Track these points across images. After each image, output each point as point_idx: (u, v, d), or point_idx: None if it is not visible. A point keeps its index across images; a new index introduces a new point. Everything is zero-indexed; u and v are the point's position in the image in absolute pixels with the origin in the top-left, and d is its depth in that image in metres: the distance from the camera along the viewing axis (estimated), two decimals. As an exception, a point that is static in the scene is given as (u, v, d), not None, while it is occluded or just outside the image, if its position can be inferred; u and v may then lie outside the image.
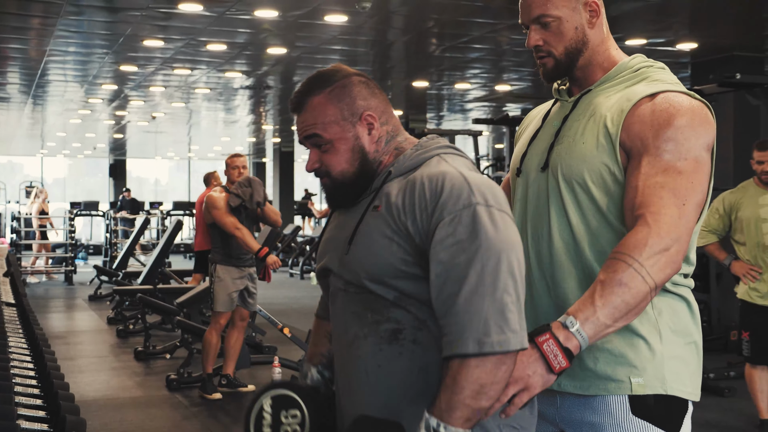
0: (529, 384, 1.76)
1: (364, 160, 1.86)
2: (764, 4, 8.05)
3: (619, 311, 1.83)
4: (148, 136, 22.56)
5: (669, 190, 1.91)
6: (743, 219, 5.36)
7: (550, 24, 2.09)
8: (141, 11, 8.11)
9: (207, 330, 6.64)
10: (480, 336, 1.65)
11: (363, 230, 1.81)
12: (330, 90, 1.85)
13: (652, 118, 1.97)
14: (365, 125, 1.86)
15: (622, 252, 1.87)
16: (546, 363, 1.78)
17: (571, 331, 1.80)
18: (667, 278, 1.89)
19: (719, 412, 6.26)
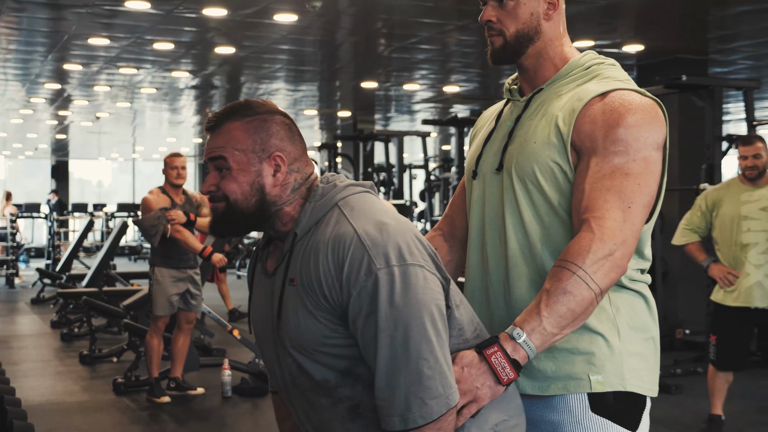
0: (477, 396, 1.79)
1: (262, 199, 1.83)
2: (709, 8, 8.19)
3: (565, 319, 1.85)
4: (91, 137, 22.25)
5: (615, 193, 1.91)
6: (722, 216, 5.30)
7: (507, 3, 2.08)
8: (86, 8, 7.97)
9: (147, 333, 6.53)
10: (403, 412, 1.68)
11: (287, 305, 1.79)
12: (250, 120, 1.83)
13: (602, 118, 1.97)
14: (272, 165, 1.82)
15: (567, 260, 1.88)
16: (494, 375, 1.80)
17: (519, 342, 1.82)
18: (612, 282, 1.90)
19: (667, 408, 6.33)
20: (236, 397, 6.68)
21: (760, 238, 5.16)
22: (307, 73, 12.07)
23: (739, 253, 5.23)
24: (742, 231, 5.21)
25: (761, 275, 5.16)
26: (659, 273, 8.58)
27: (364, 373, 1.77)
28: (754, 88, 8.16)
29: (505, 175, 2.09)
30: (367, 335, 1.70)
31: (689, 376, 7.32)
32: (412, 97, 14.18)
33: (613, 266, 1.88)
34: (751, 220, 5.18)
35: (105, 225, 21.30)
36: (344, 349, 1.76)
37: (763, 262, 5.16)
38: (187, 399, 6.62)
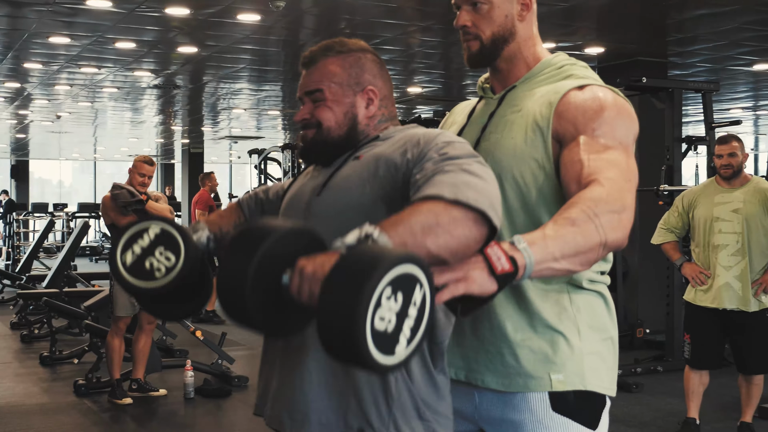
0: (467, 276, 1.59)
1: (353, 127, 1.94)
2: (669, 11, 8.28)
3: (570, 248, 1.69)
4: (52, 136, 22.03)
5: (615, 165, 1.87)
6: (697, 217, 5.34)
7: (481, 6, 2.10)
8: (47, 6, 7.90)
9: (108, 334, 6.48)
10: (458, 190, 1.63)
11: (338, 175, 1.89)
12: (345, 56, 1.96)
13: (583, 106, 1.98)
14: (365, 98, 1.95)
15: (579, 201, 1.78)
16: (488, 264, 1.61)
17: (519, 247, 1.64)
18: (616, 241, 1.77)
19: (627, 407, 6.40)
20: (199, 398, 6.66)
21: (730, 240, 5.20)
22: (270, 73, 12.04)
23: (710, 254, 5.27)
24: (714, 232, 5.25)
25: (730, 277, 5.20)
26: (620, 273, 8.67)
27: None
28: (713, 91, 8.26)
29: None
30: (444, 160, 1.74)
31: (649, 375, 7.41)
32: (375, 97, 14.17)
33: (620, 225, 1.77)
34: (722, 222, 5.23)
35: (66, 225, 21.07)
36: (371, 218, 1.66)
37: (733, 264, 5.20)
38: (149, 400, 6.58)
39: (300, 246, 1.60)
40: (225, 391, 6.74)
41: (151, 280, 1.82)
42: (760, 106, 15.84)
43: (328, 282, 1.43)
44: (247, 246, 1.57)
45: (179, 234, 1.84)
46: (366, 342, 1.39)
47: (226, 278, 1.58)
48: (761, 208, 5.17)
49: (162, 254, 1.83)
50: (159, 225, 1.85)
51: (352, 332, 1.38)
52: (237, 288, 1.56)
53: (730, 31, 8.97)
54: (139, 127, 19.50)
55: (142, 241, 1.84)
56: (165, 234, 1.84)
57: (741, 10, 8.04)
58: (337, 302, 1.40)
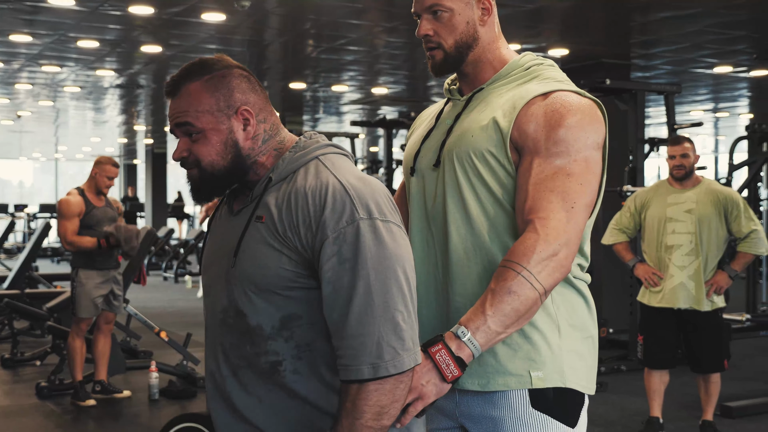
0: (423, 393, 1.80)
1: (237, 155, 1.80)
2: (632, 14, 8.36)
3: (510, 318, 1.87)
4: (12, 136, 21.80)
5: (558, 194, 1.94)
6: (649, 217, 5.39)
7: (442, 14, 2.10)
8: (7, 4, 7.80)
9: (69, 336, 6.41)
10: (374, 360, 1.66)
11: (248, 241, 1.76)
12: (208, 78, 1.79)
13: (544, 119, 1.99)
14: (241, 120, 1.80)
15: (511, 260, 1.90)
16: (439, 373, 1.82)
17: (463, 341, 1.84)
18: (556, 282, 1.93)
19: (593, 406, 6.38)
20: (163, 400, 6.62)
21: (684, 240, 5.26)
22: (235, 73, 11.98)
23: (663, 254, 5.32)
24: (667, 233, 5.30)
25: (684, 277, 5.25)
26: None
27: (299, 331, 1.75)
28: (675, 93, 8.37)
29: (446, 169, 2.10)
30: (341, 281, 1.67)
31: (613, 374, 7.49)
32: (340, 98, 14.18)
33: (557, 266, 1.91)
34: (675, 222, 5.28)
35: (27, 226, 20.85)
36: (295, 292, 1.73)
37: (687, 264, 5.25)
38: (113, 402, 6.53)
39: None
40: (190, 393, 6.71)
41: None
42: (720, 108, 16.04)
43: None
44: None
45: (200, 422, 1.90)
46: None
47: None
48: (713, 209, 5.24)
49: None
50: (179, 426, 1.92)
51: None
52: None
53: (692, 34, 9.07)
54: (101, 126, 19.33)
55: None
56: None
57: (703, 14, 8.14)
58: None
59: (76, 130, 20.40)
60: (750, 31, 8.96)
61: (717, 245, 5.30)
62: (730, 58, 10.57)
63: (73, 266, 6.31)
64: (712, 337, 5.36)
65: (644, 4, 7.88)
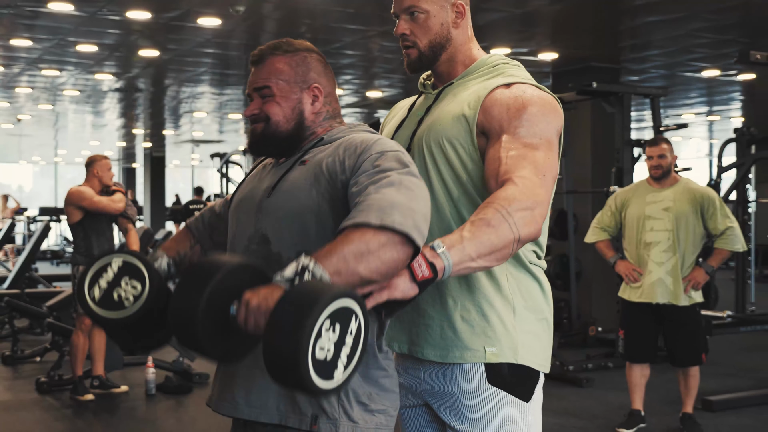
0: (391, 284, 1.83)
1: (300, 122, 2.08)
2: (622, 18, 8.48)
3: (485, 247, 1.91)
4: (11, 140, 21.85)
5: (530, 162, 2.05)
6: (629, 216, 5.53)
7: (418, 16, 2.27)
8: (8, 9, 7.96)
9: (73, 332, 6.56)
10: (383, 215, 1.77)
11: (287, 179, 2.03)
12: (292, 55, 2.09)
13: (508, 103, 2.15)
14: (311, 95, 2.09)
15: (493, 201, 1.97)
16: (410, 272, 1.84)
17: (438, 252, 1.86)
18: (529, 235, 1.98)
19: (578, 401, 6.61)
20: (160, 395, 6.76)
21: (662, 237, 5.41)
22: (231, 77, 12.11)
23: (643, 251, 5.47)
24: (646, 230, 5.45)
25: (663, 272, 5.39)
26: (573, 273, 8.88)
27: None
28: (661, 96, 8.52)
29: (416, 156, 2.25)
30: (374, 177, 1.87)
31: (600, 371, 7.60)
32: (336, 101, 14.27)
33: (532, 220, 1.98)
34: (654, 220, 5.43)
35: (27, 228, 20.96)
36: (313, 223, 1.95)
37: (665, 260, 5.39)
38: (111, 397, 6.68)
39: (245, 279, 1.75)
40: (186, 388, 6.85)
41: (122, 310, 1.92)
42: (713, 112, 16.16)
43: (273, 317, 1.61)
44: (197, 281, 1.71)
45: (142, 263, 1.96)
46: (308, 370, 1.59)
47: (178, 312, 1.72)
48: (690, 207, 5.40)
49: (128, 284, 1.93)
50: (121, 257, 1.96)
51: (295, 362, 1.57)
52: (188, 322, 1.70)
53: (681, 38, 9.18)
54: (100, 130, 19.42)
55: (106, 275, 1.95)
56: (128, 265, 1.95)
57: (691, 18, 8.25)
58: (282, 335, 1.58)
59: (75, 133, 20.49)
60: (737, 35, 9.08)
61: (694, 242, 5.45)
62: (719, 62, 10.70)
63: (74, 264, 6.46)
64: (690, 331, 5.51)
65: (633, 8, 8.00)
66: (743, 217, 9.61)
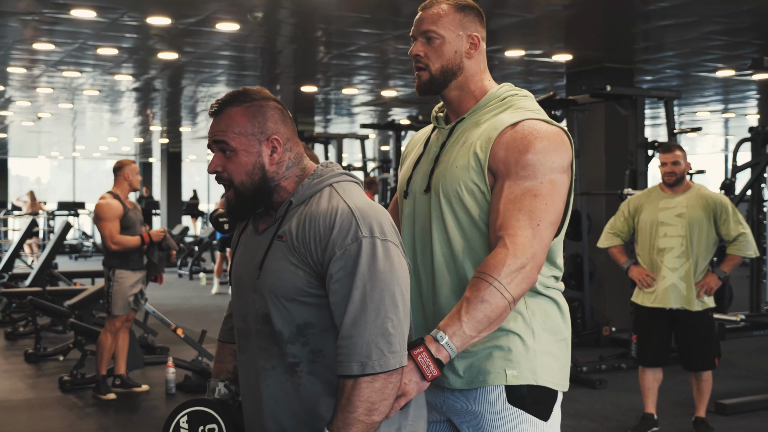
0: (405, 391, 2.03)
1: (263, 176, 2.06)
2: (635, 21, 8.53)
3: (482, 324, 2.11)
4: (31, 136, 22.05)
5: (525, 213, 2.17)
6: (642, 221, 5.58)
7: (434, 40, 2.35)
8: (32, 16, 8.09)
9: (102, 332, 6.70)
10: (363, 359, 1.91)
11: (271, 257, 2.04)
12: (248, 106, 2.07)
13: (513, 145, 2.23)
14: (270, 146, 2.06)
15: (484, 272, 2.13)
16: (420, 372, 2.05)
17: (441, 344, 2.07)
18: (523, 292, 2.16)
19: (591, 402, 6.66)
20: (180, 394, 6.88)
21: (675, 243, 5.45)
22: (247, 78, 12.23)
23: (656, 257, 5.51)
24: (659, 236, 5.49)
25: (676, 278, 5.44)
26: (587, 273, 8.93)
27: (314, 338, 2.00)
28: (674, 98, 8.55)
29: (432, 195, 2.35)
30: (341, 291, 1.93)
31: (613, 372, 7.61)
32: (351, 100, 14.39)
33: (525, 278, 2.15)
34: (667, 226, 5.47)
35: (46, 224, 21.16)
36: (309, 299, 2.00)
37: (678, 266, 5.44)
38: (132, 396, 6.81)
39: None
40: (204, 387, 6.92)
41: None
42: (728, 109, 16.16)
43: None
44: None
45: (204, 405, 2.15)
46: None
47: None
48: (703, 213, 5.45)
49: (205, 430, 2.15)
50: (184, 411, 2.15)
51: None
52: None
53: (694, 40, 9.23)
54: (118, 127, 19.57)
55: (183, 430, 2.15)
56: (194, 414, 2.15)
57: (704, 21, 8.30)
58: None
59: (93, 130, 20.64)
60: (751, 37, 9.13)
61: (707, 248, 5.50)
62: (733, 63, 10.72)
63: (109, 266, 6.58)
64: (703, 336, 5.56)
65: (646, 12, 8.05)
66: (758, 216, 9.60)
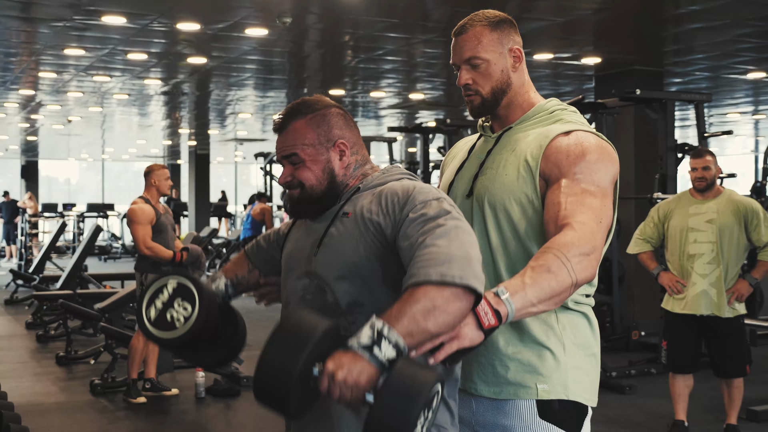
0: (460, 334, 1.90)
1: (333, 180, 2.11)
2: (664, 25, 8.51)
3: (545, 293, 2.00)
4: (61, 138, 22.24)
5: (588, 208, 2.14)
6: (672, 227, 5.55)
7: (479, 66, 2.34)
8: (63, 22, 8.18)
9: (134, 336, 6.75)
10: (443, 270, 1.83)
11: (332, 233, 2.06)
12: (311, 117, 2.11)
13: (567, 150, 2.23)
14: (338, 151, 2.12)
15: (552, 247, 2.06)
16: (477, 319, 1.91)
17: (502, 299, 1.94)
18: (586, 279, 2.07)
19: (620, 408, 6.60)
20: (209, 398, 6.92)
21: (705, 249, 5.41)
22: (275, 81, 12.29)
23: (686, 263, 5.47)
24: (690, 242, 5.45)
25: (706, 284, 5.40)
26: (616, 277, 8.87)
27: (362, 318, 1.94)
28: (705, 101, 8.47)
29: (475, 202, 2.34)
30: (424, 227, 1.91)
31: (643, 377, 7.54)
32: (378, 103, 14.42)
33: (589, 265, 2.07)
34: (697, 232, 5.44)
35: (76, 226, 21.34)
36: (365, 277, 1.99)
37: (708, 272, 5.40)
38: (161, 400, 6.85)
39: (326, 343, 1.83)
40: (234, 391, 7.00)
41: (173, 330, 2.06)
42: (759, 111, 16.03)
43: (379, 406, 1.73)
44: (292, 345, 1.78)
45: (193, 284, 2.09)
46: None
47: (270, 373, 1.78)
48: (734, 219, 5.40)
49: (180, 305, 2.07)
50: (176, 279, 2.10)
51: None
52: (280, 390, 1.77)
53: (725, 43, 9.18)
54: (146, 130, 19.73)
55: (162, 296, 2.09)
56: (181, 287, 2.09)
57: (735, 24, 8.27)
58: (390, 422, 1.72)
59: (122, 133, 20.82)
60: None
61: (737, 254, 5.46)
62: (764, 65, 10.65)
63: (141, 270, 6.59)
64: (734, 343, 5.53)
65: (676, 16, 8.02)
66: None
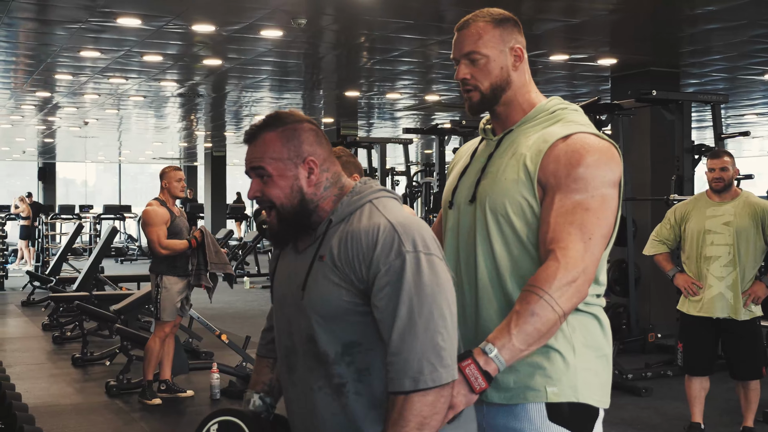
0: (454, 403, 1.99)
1: (302, 198, 2.04)
2: (681, 26, 8.45)
3: (532, 337, 2.07)
4: (78, 141, 22.35)
5: (577, 226, 2.14)
6: (689, 230, 5.51)
7: (478, 61, 2.32)
8: (79, 24, 8.21)
9: (150, 338, 6.76)
10: (415, 374, 1.88)
11: (313, 277, 2.01)
12: (282, 130, 2.04)
13: (565, 158, 2.21)
14: (306, 168, 2.04)
15: (534, 285, 2.10)
16: (468, 385, 2.01)
17: (490, 357, 2.03)
18: (574, 306, 2.13)
19: (636, 411, 6.58)
20: (224, 399, 6.92)
21: (722, 251, 5.38)
22: (291, 83, 12.31)
23: (702, 265, 5.44)
24: (706, 244, 5.41)
25: (723, 287, 5.37)
26: (632, 279, 8.84)
27: (360, 357, 1.97)
28: (722, 103, 8.43)
29: (477, 207, 2.32)
30: (388, 307, 1.90)
31: (659, 379, 7.50)
32: (394, 105, 14.41)
33: (575, 292, 2.11)
34: (714, 234, 5.40)
35: (93, 228, 21.42)
36: (354, 317, 1.97)
37: (725, 275, 5.36)
38: (177, 401, 6.87)
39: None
40: (249, 393, 7.00)
41: None
42: (776, 112, 15.95)
43: None
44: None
45: (237, 417, 2.13)
46: None
47: None
48: (751, 222, 5.37)
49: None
50: (216, 420, 2.14)
51: None
52: None
53: (742, 44, 9.13)
54: (163, 132, 19.81)
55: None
56: (225, 424, 2.13)
57: (752, 25, 8.22)
58: None
59: (138, 135, 20.91)
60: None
61: (754, 257, 5.42)
62: (781, 65, 10.60)
63: (156, 272, 6.65)
64: (750, 345, 5.49)
65: (693, 17, 7.97)
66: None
